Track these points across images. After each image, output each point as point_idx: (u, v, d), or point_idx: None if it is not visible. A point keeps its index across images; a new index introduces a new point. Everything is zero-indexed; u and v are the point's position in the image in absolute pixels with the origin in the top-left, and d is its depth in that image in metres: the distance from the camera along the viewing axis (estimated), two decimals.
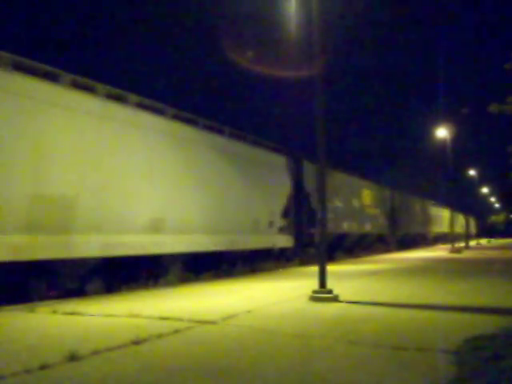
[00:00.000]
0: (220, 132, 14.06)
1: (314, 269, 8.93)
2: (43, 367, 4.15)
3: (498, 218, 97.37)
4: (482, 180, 55.56)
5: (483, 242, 55.75)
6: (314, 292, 8.20)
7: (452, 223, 37.89)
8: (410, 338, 5.24)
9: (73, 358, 4.41)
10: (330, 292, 8.18)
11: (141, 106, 11.24)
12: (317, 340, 5.28)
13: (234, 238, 14.14)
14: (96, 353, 4.62)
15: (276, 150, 17.36)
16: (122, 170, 10.51)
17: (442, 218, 51.24)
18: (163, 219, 11.42)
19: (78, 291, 9.43)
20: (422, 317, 6.68)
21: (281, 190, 17.18)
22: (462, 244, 37.39)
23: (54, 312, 7.06)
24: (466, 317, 6.57)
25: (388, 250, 29.92)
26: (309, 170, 18.50)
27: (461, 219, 57.70)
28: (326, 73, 9.36)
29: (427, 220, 44.07)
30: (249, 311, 7.09)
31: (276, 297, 8.82)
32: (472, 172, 45.80)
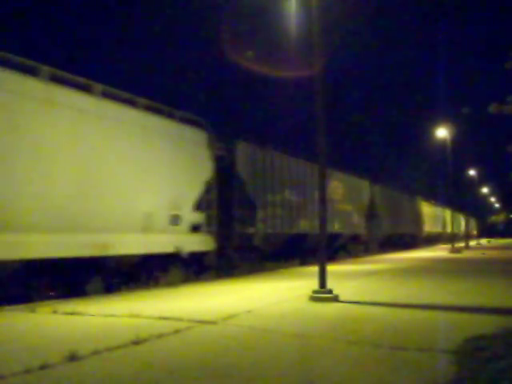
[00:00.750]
0: (86, 89, 9.96)
1: (314, 269, 8.93)
2: (43, 367, 4.15)
3: (498, 218, 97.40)
4: (482, 180, 55.59)
5: (483, 242, 55.75)
6: (314, 292, 8.20)
7: (450, 223, 37.75)
8: (410, 338, 5.23)
9: (73, 357, 4.41)
10: (330, 292, 8.17)
11: None
12: (317, 340, 5.28)
13: (107, 239, 9.85)
14: (96, 353, 4.62)
15: (191, 122, 13.11)
16: None
17: (437, 216, 48.08)
18: None
19: (78, 291, 9.44)
20: (421, 317, 6.67)
21: (196, 173, 12.78)
22: (462, 244, 37.38)
23: (54, 312, 7.07)
24: (466, 317, 6.57)
25: (367, 253, 26.04)
26: (244, 151, 15.01)
27: (458, 218, 56.78)
28: (326, 72, 9.36)
29: (418, 219, 39.59)
30: (249, 311, 7.09)
31: (276, 297, 8.82)
32: (472, 172, 45.81)
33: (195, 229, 12.56)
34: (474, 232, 73.40)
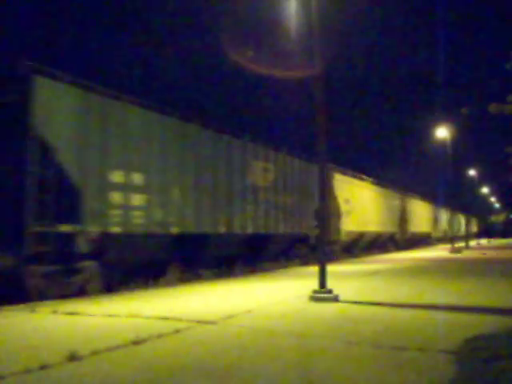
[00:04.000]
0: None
1: (314, 269, 8.93)
2: (43, 367, 4.15)
3: (498, 218, 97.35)
4: (482, 180, 55.49)
5: (483, 242, 55.74)
6: (314, 292, 8.20)
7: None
8: (410, 338, 5.23)
9: (73, 357, 4.41)
10: (330, 292, 8.17)
11: None
12: (317, 340, 5.28)
13: None
14: (96, 353, 4.62)
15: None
16: None
17: (394, 209, 30.76)
18: None
19: (78, 291, 9.43)
20: (422, 317, 6.68)
21: None
22: (462, 244, 37.38)
23: (54, 312, 7.07)
24: (466, 317, 6.57)
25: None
26: None
27: (457, 218, 52.49)
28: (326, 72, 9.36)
29: (333, 209, 20.00)
30: (249, 311, 7.09)
31: (276, 297, 8.82)
32: (472, 172, 45.80)
33: None
34: (475, 231, 72.90)
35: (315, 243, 17.98)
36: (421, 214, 39.43)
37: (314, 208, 17.95)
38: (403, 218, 31.11)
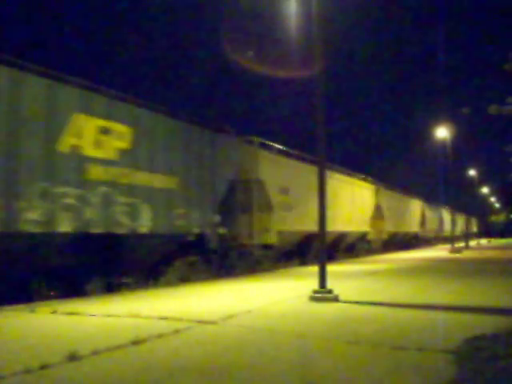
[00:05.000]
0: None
1: (314, 269, 8.93)
2: (43, 367, 4.15)
3: (498, 218, 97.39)
4: (482, 180, 55.51)
5: (483, 241, 55.74)
6: (314, 292, 8.20)
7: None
8: (410, 338, 5.23)
9: (73, 357, 4.41)
10: (330, 292, 8.17)
11: None
12: (317, 340, 5.28)
13: None
14: (96, 353, 4.62)
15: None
16: None
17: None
18: None
19: (78, 291, 9.43)
20: (422, 317, 6.67)
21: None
22: (462, 244, 37.39)
23: (54, 312, 7.06)
24: (466, 317, 6.57)
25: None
26: None
27: (455, 218, 49.37)
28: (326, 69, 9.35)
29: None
30: (249, 311, 7.09)
31: (276, 297, 8.82)
32: (472, 172, 45.80)
33: None
34: (475, 230, 72.78)
35: (219, 248, 13.60)
36: (405, 212, 35.01)
37: (219, 198, 13.58)
38: (379, 215, 26.05)
